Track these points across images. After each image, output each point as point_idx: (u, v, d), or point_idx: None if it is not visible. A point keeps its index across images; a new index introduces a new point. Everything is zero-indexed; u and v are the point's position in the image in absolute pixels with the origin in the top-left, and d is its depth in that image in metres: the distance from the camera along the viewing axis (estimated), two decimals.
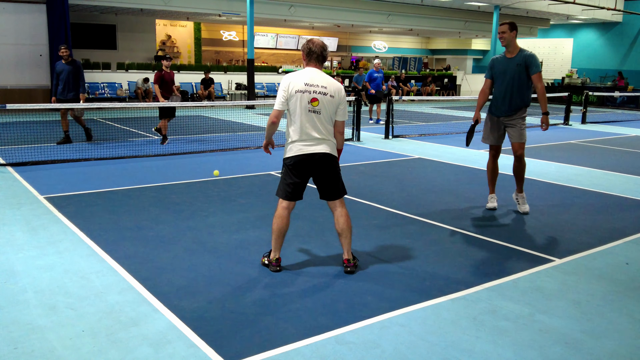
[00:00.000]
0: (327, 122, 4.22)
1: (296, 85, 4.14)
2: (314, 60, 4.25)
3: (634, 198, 7.11)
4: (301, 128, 4.15)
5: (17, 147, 9.67)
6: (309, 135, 4.17)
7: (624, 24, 27.48)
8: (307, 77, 4.17)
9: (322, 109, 4.17)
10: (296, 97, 4.13)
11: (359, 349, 3.19)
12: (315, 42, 4.26)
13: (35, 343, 3.18)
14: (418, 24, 24.74)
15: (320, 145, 4.20)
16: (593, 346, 3.31)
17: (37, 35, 15.81)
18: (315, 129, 4.17)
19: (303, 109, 4.14)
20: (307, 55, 4.27)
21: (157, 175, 7.84)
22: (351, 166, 8.85)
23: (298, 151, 4.19)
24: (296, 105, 4.14)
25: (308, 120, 4.15)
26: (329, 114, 4.21)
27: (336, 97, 4.21)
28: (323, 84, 4.18)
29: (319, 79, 4.18)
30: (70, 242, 4.90)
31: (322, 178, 4.28)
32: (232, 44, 28.58)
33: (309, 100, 4.14)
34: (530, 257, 4.81)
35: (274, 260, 4.32)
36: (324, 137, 4.21)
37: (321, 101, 4.15)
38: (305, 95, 4.14)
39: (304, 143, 4.18)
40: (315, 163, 4.21)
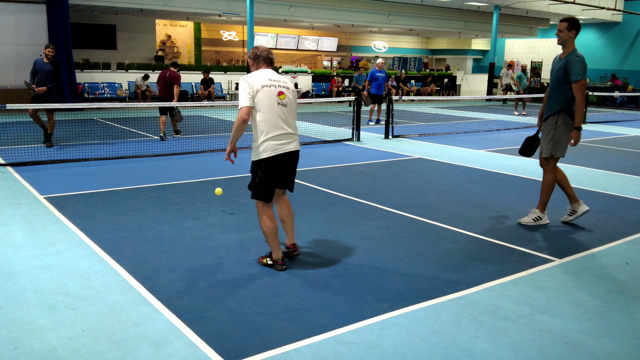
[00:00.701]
0: (294, 115, 4.33)
1: (260, 81, 4.17)
2: (263, 62, 4.35)
3: (634, 198, 7.11)
4: (274, 122, 4.16)
5: (17, 147, 9.67)
6: (282, 129, 4.19)
7: (623, 24, 27.49)
8: (268, 75, 4.26)
9: (289, 102, 4.26)
10: (263, 92, 4.15)
11: (359, 349, 3.19)
12: (259, 47, 4.42)
13: (35, 343, 3.18)
14: (418, 24, 24.75)
15: (293, 143, 4.29)
16: (593, 346, 3.31)
17: (37, 35, 15.81)
18: (286, 123, 4.22)
19: (273, 102, 4.17)
20: (255, 59, 4.37)
21: (157, 175, 7.84)
22: (351, 166, 8.85)
23: (275, 150, 4.18)
24: (265, 99, 4.15)
25: (279, 114, 4.19)
26: (294, 107, 4.32)
27: (295, 92, 4.38)
28: (283, 80, 4.32)
29: (278, 77, 4.31)
30: (70, 242, 4.90)
31: (289, 173, 4.38)
32: (232, 44, 28.58)
33: (277, 93, 4.20)
34: (530, 257, 4.81)
35: (279, 260, 4.34)
36: (294, 131, 4.31)
37: (287, 95, 4.26)
38: (272, 89, 4.19)
39: (279, 141, 4.18)
40: (289, 161, 4.30)
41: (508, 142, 12.07)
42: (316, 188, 7.17)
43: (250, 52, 4.42)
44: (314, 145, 10.96)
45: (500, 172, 8.60)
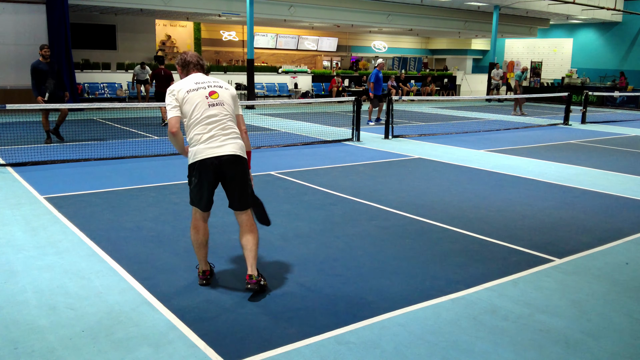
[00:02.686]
0: (231, 116, 3.93)
1: (185, 87, 3.87)
2: (193, 68, 4.04)
3: (634, 198, 7.11)
4: (205, 125, 3.80)
5: (17, 147, 9.67)
6: (215, 131, 3.82)
7: (623, 24, 27.49)
8: (195, 79, 3.96)
9: (224, 100, 3.92)
10: (190, 97, 3.83)
11: (359, 349, 3.19)
12: (188, 53, 4.11)
13: (35, 343, 3.18)
14: (418, 24, 24.75)
15: (229, 146, 3.82)
16: (593, 346, 3.31)
17: (37, 36, 15.81)
18: (220, 125, 3.84)
19: (202, 104, 3.83)
20: (183, 66, 4.05)
21: (157, 175, 7.84)
22: (351, 166, 8.85)
23: (205, 153, 3.79)
24: (193, 104, 3.82)
25: (211, 116, 3.83)
26: (231, 105, 3.96)
27: (230, 89, 4.03)
28: (214, 80, 4.01)
29: (208, 78, 4.01)
30: (70, 242, 4.90)
31: (230, 184, 3.90)
32: (232, 44, 28.58)
33: (207, 95, 3.87)
34: (530, 257, 4.81)
35: (201, 273, 4.08)
36: (232, 134, 3.88)
37: (220, 93, 3.92)
38: (200, 92, 3.86)
39: (210, 145, 3.79)
40: (225, 167, 3.82)
41: (508, 142, 12.07)
42: (316, 188, 7.17)
43: (178, 58, 4.06)
44: (314, 145, 10.96)
45: (500, 172, 8.60)
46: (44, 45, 10.20)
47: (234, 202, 3.97)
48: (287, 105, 19.97)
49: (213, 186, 3.90)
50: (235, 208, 3.98)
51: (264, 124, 14.41)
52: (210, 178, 3.83)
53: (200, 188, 3.87)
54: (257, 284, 3.81)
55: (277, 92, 22.13)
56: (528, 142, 12.05)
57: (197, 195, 3.91)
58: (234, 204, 3.97)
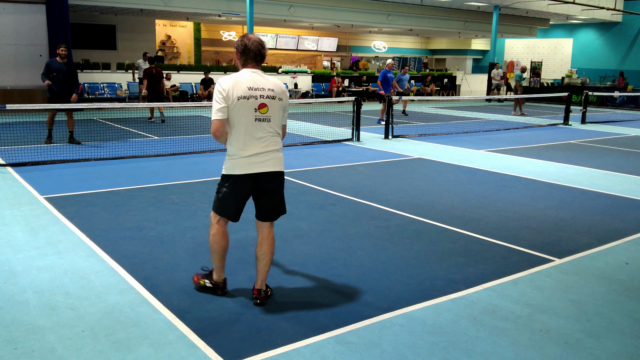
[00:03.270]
0: (276, 130, 3.63)
1: (237, 92, 3.48)
2: (251, 60, 3.60)
3: (634, 198, 7.11)
4: (248, 142, 3.52)
5: (17, 147, 9.67)
6: (258, 149, 3.54)
7: (623, 24, 27.49)
8: (249, 80, 3.53)
9: (272, 115, 3.57)
10: (239, 105, 3.48)
11: (359, 349, 3.19)
12: (251, 38, 3.59)
13: (35, 343, 3.18)
14: (418, 24, 24.75)
15: (270, 162, 3.60)
16: (593, 346, 3.31)
17: (37, 36, 15.81)
18: (263, 141, 3.56)
19: (249, 118, 3.50)
20: (242, 54, 3.59)
21: (157, 175, 7.84)
22: (351, 166, 8.85)
23: (246, 168, 3.56)
24: (240, 115, 3.49)
25: (255, 132, 3.53)
26: (278, 120, 3.63)
27: (284, 99, 3.66)
28: (269, 87, 3.57)
29: (264, 82, 3.58)
30: (70, 242, 4.90)
31: (264, 197, 3.68)
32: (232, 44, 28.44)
33: (256, 107, 3.51)
34: (530, 257, 4.81)
35: (221, 283, 3.87)
36: (274, 149, 3.62)
37: (271, 106, 3.56)
38: (250, 102, 3.49)
39: (251, 161, 3.55)
40: (264, 183, 3.63)
41: (508, 142, 12.07)
42: (316, 188, 7.17)
43: (238, 42, 3.60)
44: (314, 145, 10.96)
45: (500, 172, 8.60)
46: (61, 44, 10.19)
47: (263, 213, 3.72)
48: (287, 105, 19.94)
49: (246, 199, 3.71)
50: (263, 219, 3.73)
51: None
52: (245, 193, 3.65)
53: (233, 200, 3.65)
54: (265, 298, 3.75)
55: None
56: (528, 142, 12.05)
57: (227, 205, 3.68)
58: (263, 215, 3.73)
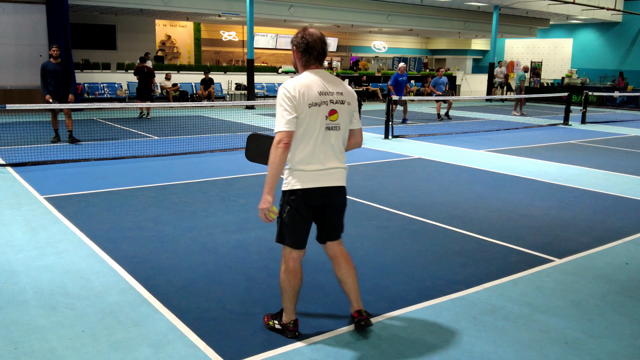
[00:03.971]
0: (343, 140, 3.23)
1: (309, 97, 3.04)
2: (314, 60, 3.17)
3: (634, 198, 7.11)
4: (314, 154, 3.10)
5: (17, 147, 9.67)
6: (324, 160, 3.13)
7: (623, 24, 27.50)
8: (319, 84, 3.11)
9: (342, 122, 3.16)
10: (309, 113, 3.05)
11: (359, 349, 3.19)
12: (312, 33, 3.16)
13: (35, 343, 3.18)
14: (418, 24, 24.75)
15: (337, 175, 3.20)
16: (593, 346, 3.31)
17: (37, 36, 15.81)
18: (332, 151, 3.15)
19: (319, 127, 3.08)
20: (304, 53, 3.17)
21: (157, 175, 7.84)
22: (351, 166, 8.82)
23: (310, 182, 3.12)
24: (310, 125, 3.06)
25: (324, 141, 3.11)
26: (346, 127, 3.23)
27: (352, 102, 3.22)
28: (338, 90, 3.15)
29: (332, 84, 3.15)
30: (70, 242, 4.90)
31: (328, 215, 3.28)
32: (232, 44, 28.58)
33: (327, 114, 3.09)
34: (530, 257, 4.81)
35: (291, 324, 3.32)
36: (340, 161, 3.23)
37: (340, 113, 3.14)
38: (322, 109, 3.07)
39: (317, 173, 3.13)
40: (330, 199, 3.22)
41: (508, 142, 12.07)
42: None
43: (299, 38, 3.17)
44: None
45: (500, 172, 8.60)
46: (53, 45, 10.27)
47: (328, 233, 3.31)
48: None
49: (312, 219, 3.26)
50: (330, 238, 3.33)
51: (264, 124, 14.40)
52: (312, 211, 3.22)
53: (302, 220, 3.19)
54: (369, 316, 3.37)
55: None
56: (528, 142, 12.05)
57: (290, 228, 3.19)
58: (329, 235, 3.31)
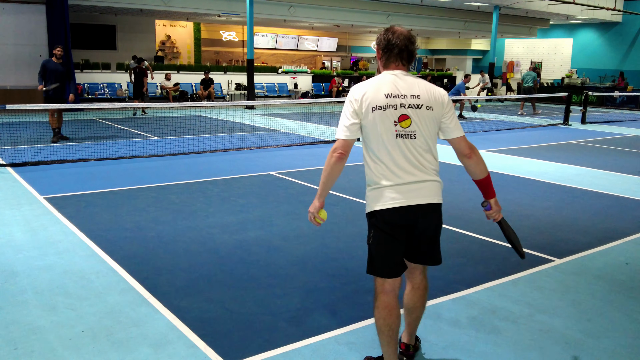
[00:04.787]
0: (426, 149, 2.78)
1: (371, 101, 2.71)
2: (395, 59, 2.80)
3: (634, 198, 7.11)
4: (387, 165, 2.74)
5: (17, 147, 9.67)
6: (403, 175, 2.74)
7: (623, 24, 27.49)
8: (388, 86, 2.74)
9: (418, 130, 2.73)
10: (373, 118, 2.71)
11: (359, 349, 3.19)
12: (396, 31, 2.81)
13: (35, 343, 3.18)
14: (418, 24, 24.74)
15: (423, 190, 2.77)
16: (593, 346, 3.31)
17: (37, 36, 15.81)
18: (408, 163, 2.74)
19: (388, 135, 2.72)
20: (384, 51, 2.82)
21: (157, 175, 7.84)
22: (351, 166, 8.84)
23: (392, 202, 2.73)
24: (377, 131, 2.72)
25: (397, 151, 2.73)
26: (428, 135, 2.77)
27: (436, 107, 2.76)
28: (413, 92, 2.75)
29: (406, 86, 2.76)
30: (70, 242, 4.90)
31: (420, 236, 2.88)
32: (232, 44, 28.58)
33: (396, 119, 2.72)
34: (530, 257, 4.81)
35: None
36: (426, 174, 2.78)
37: (415, 118, 2.73)
38: (388, 113, 2.70)
39: (398, 191, 2.73)
40: (418, 219, 2.80)
41: (508, 142, 12.07)
42: (316, 188, 7.16)
43: (381, 36, 2.83)
44: (314, 145, 10.96)
45: (500, 172, 8.60)
46: (57, 45, 10.40)
47: (413, 254, 2.93)
48: (287, 106, 19.98)
49: (403, 241, 2.83)
50: (413, 260, 2.95)
51: (264, 124, 14.41)
52: (399, 233, 2.79)
53: (381, 246, 2.81)
54: (414, 354, 3.13)
55: (277, 92, 22.13)
56: (528, 142, 12.05)
57: (376, 255, 2.83)
58: (413, 255, 2.93)
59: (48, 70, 10.08)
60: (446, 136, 2.85)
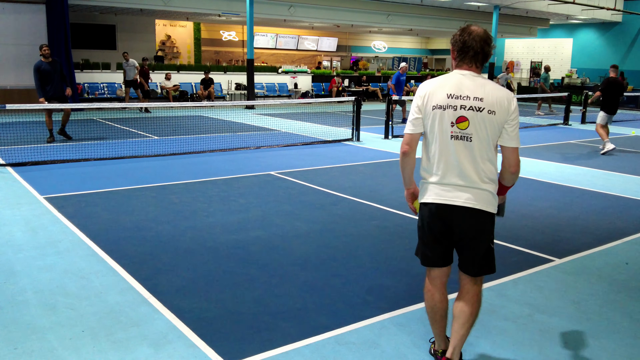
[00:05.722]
0: (482, 154, 2.77)
1: (435, 98, 2.80)
2: (469, 60, 2.82)
3: (634, 198, 7.11)
4: (438, 163, 2.82)
5: (17, 147, 9.67)
6: (448, 175, 2.80)
7: (623, 24, 27.49)
8: (452, 86, 2.80)
9: (475, 133, 2.74)
10: (433, 116, 2.80)
11: (359, 349, 3.19)
12: (473, 32, 2.79)
13: (35, 343, 3.18)
14: (418, 24, 24.75)
15: (466, 194, 2.78)
16: (593, 346, 3.31)
17: (37, 36, 15.79)
18: (461, 166, 2.77)
19: (443, 134, 2.78)
20: (459, 52, 2.84)
21: (157, 175, 7.84)
22: (351, 166, 8.85)
23: (436, 197, 2.84)
24: (433, 130, 2.81)
25: (450, 152, 2.78)
26: (487, 140, 2.76)
27: (499, 112, 2.74)
28: (477, 95, 2.75)
29: (471, 87, 2.77)
30: (70, 242, 4.90)
31: (461, 242, 2.89)
32: (232, 44, 28.58)
33: (453, 120, 2.76)
34: (530, 257, 4.81)
35: (439, 354, 3.08)
36: (477, 179, 2.78)
37: (473, 121, 2.73)
38: (447, 113, 2.76)
39: (443, 187, 2.82)
40: (458, 220, 2.82)
41: None
42: (316, 188, 7.17)
43: (457, 36, 2.84)
44: (314, 145, 10.96)
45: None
46: (42, 45, 10.28)
47: (461, 262, 2.96)
48: (287, 105, 19.97)
49: (444, 238, 2.90)
50: (462, 268, 2.96)
51: (264, 124, 14.41)
52: (438, 229, 2.88)
53: (426, 236, 2.94)
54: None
55: (277, 92, 22.13)
56: (528, 142, 12.05)
57: (421, 243, 3.00)
58: (461, 263, 2.96)
59: (44, 73, 10.00)
60: (500, 142, 2.82)
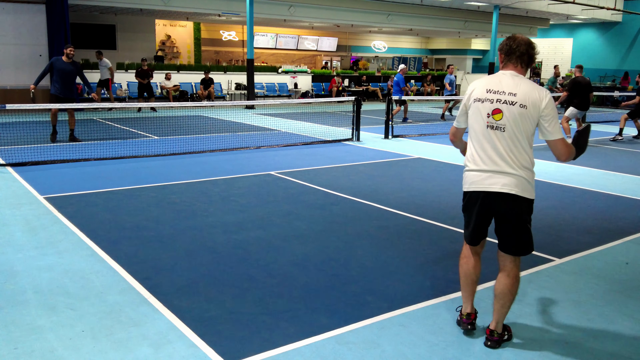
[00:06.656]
0: (515, 143, 3.11)
1: (477, 92, 3.23)
2: (515, 61, 3.22)
3: (634, 198, 7.11)
4: (477, 151, 3.20)
5: (17, 147, 9.67)
6: (486, 161, 3.16)
7: (623, 23, 27.49)
8: (493, 82, 3.20)
9: (507, 124, 3.09)
10: (474, 108, 3.22)
11: (359, 349, 3.19)
12: (517, 38, 3.24)
13: (35, 343, 3.18)
14: (418, 24, 24.75)
15: (501, 179, 3.12)
16: (593, 346, 3.31)
17: (37, 36, 15.80)
18: (496, 153, 3.13)
19: (480, 124, 3.18)
20: (506, 55, 3.25)
21: (157, 175, 7.84)
22: (351, 166, 8.85)
23: (471, 185, 3.23)
24: (473, 120, 3.23)
25: (487, 141, 3.15)
26: (519, 131, 3.10)
27: (531, 108, 3.07)
28: (512, 90, 3.11)
29: (509, 84, 3.14)
30: (70, 242, 4.90)
31: (500, 224, 3.26)
32: (232, 44, 28.57)
33: (489, 112, 3.14)
34: (530, 257, 4.80)
35: (465, 316, 3.42)
36: (510, 166, 3.11)
37: (507, 113, 3.10)
38: (484, 106, 3.16)
39: (480, 175, 3.18)
40: (493, 205, 3.20)
41: None
42: (316, 188, 7.17)
43: (504, 42, 3.27)
44: (314, 145, 10.96)
45: None
46: (68, 45, 10.40)
47: (500, 242, 3.30)
48: (287, 105, 19.97)
49: (482, 221, 3.31)
50: (501, 248, 3.31)
51: (264, 124, 14.41)
52: (476, 214, 3.28)
53: (467, 219, 3.38)
54: (499, 341, 3.28)
55: (277, 92, 22.13)
56: None
57: (465, 226, 3.42)
58: (500, 243, 3.30)
59: (55, 69, 10.03)
60: (543, 137, 3.15)
